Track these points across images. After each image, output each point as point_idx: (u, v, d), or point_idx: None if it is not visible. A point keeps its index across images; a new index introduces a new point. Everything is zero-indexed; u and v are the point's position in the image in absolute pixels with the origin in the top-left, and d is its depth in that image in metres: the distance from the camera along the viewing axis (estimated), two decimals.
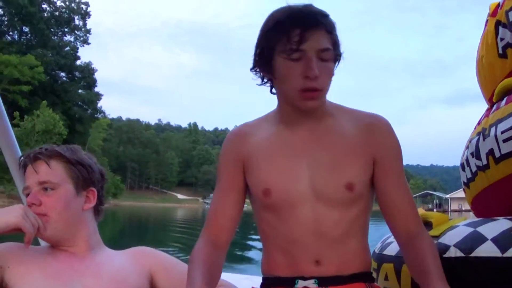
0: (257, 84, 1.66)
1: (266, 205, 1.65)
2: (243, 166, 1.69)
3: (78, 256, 1.62)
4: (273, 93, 1.67)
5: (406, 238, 1.58)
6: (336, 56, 1.58)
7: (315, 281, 1.59)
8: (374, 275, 1.93)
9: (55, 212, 1.60)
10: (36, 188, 1.61)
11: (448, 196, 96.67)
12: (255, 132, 1.71)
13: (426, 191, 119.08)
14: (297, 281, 1.61)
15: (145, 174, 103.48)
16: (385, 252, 1.95)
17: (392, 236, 1.69)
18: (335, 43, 1.57)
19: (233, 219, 1.69)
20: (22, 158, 1.68)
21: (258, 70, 1.64)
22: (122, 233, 29.44)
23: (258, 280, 1.75)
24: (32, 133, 54.44)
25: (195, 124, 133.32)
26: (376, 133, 1.64)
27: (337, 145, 1.62)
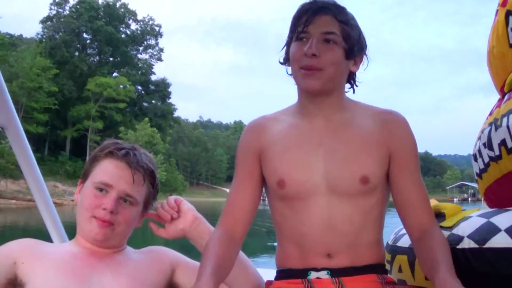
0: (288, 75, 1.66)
1: (281, 197, 1.61)
2: (259, 158, 1.65)
3: (96, 254, 1.54)
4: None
5: (419, 234, 1.51)
6: (349, 48, 1.54)
7: (328, 272, 1.54)
8: (388, 267, 1.86)
9: (121, 226, 1.55)
10: (117, 195, 1.52)
11: None
12: (272, 125, 1.67)
13: (462, 182, 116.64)
14: (310, 273, 1.56)
15: (196, 171, 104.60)
16: (399, 244, 1.86)
17: None
18: (348, 34, 1.54)
19: (248, 212, 1.64)
20: (122, 149, 1.57)
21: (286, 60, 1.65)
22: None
23: (272, 273, 1.70)
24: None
25: (240, 122, 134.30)
26: (392, 129, 1.58)
27: (353, 138, 1.57)
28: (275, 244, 1.71)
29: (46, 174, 50.60)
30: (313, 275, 1.55)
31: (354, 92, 1.67)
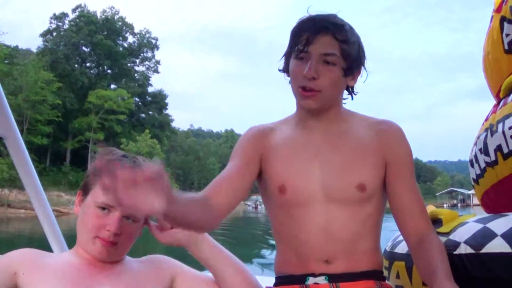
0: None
1: (280, 203, 1.58)
2: (261, 158, 1.61)
3: (96, 265, 1.50)
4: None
5: (416, 240, 1.50)
6: (348, 67, 1.51)
7: (326, 278, 1.52)
8: (386, 273, 1.82)
9: (124, 244, 1.51)
10: (120, 215, 1.47)
11: (470, 192, 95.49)
12: (273, 133, 1.66)
13: (451, 188, 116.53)
14: (308, 278, 1.54)
15: (189, 179, 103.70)
16: (396, 250, 1.82)
17: None
18: (348, 54, 1.50)
19: (235, 190, 1.54)
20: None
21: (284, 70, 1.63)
22: None
23: (271, 280, 1.67)
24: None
25: (232, 131, 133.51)
26: (388, 138, 1.58)
27: (350, 147, 1.56)
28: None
29: (49, 184, 50.49)
30: (311, 280, 1.53)
31: (352, 99, 1.65)
